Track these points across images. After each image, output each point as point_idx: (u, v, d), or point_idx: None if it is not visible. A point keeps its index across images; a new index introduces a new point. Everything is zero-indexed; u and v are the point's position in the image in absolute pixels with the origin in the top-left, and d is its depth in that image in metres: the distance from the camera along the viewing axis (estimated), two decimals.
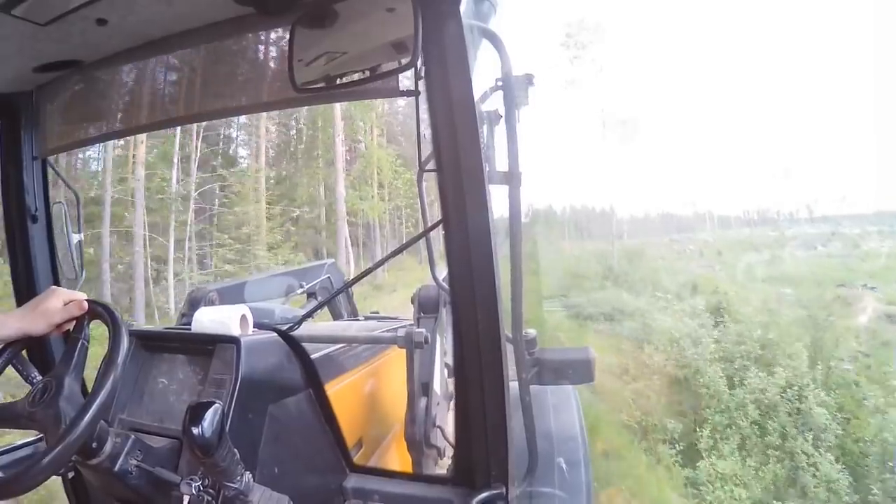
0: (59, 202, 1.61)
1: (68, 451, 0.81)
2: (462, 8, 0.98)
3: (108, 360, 0.89)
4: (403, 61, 1.01)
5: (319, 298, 2.50)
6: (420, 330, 1.56)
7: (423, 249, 1.44)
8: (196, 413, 0.84)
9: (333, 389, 1.44)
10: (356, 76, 1.09)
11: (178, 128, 12.33)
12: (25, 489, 0.79)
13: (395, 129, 22.81)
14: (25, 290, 1.55)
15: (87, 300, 1.01)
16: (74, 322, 1.01)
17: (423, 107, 1.03)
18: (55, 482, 1.06)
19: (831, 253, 21.37)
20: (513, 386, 1.16)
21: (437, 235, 1.16)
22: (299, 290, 2.47)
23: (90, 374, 0.94)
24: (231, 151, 17.82)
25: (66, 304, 1.01)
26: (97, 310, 1.00)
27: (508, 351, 1.09)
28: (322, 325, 2.46)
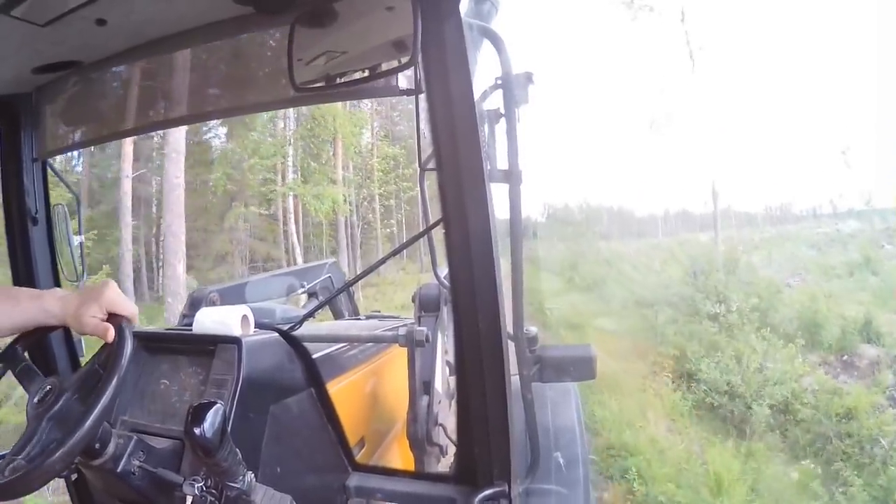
0: (60, 203, 1.61)
1: (71, 454, 0.81)
2: (462, 7, 0.98)
3: (112, 365, 0.88)
4: (403, 60, 1.01)
5: (320, 298, 2.50)
6: (421, 328, 1.56)
7: (424, 254, 1.43)
8: (198, 414, 0.84)
9: (335, 388, 1.44)
10: (356, 75, 1.09)
11: None
12: (28, 491, 0.79)
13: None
14: None
15: (117, 327, 0.93)
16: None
17: (423, 106, 1.03)
18: None
19: None
20: (514, 382, 1.17)
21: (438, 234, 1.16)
22: (300, 290, 2.47)
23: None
24: None
25: (105, 318, 0.94)
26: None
27: (510, 348, 1.09)
28: (323, 324, 2.47)
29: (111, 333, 0.93)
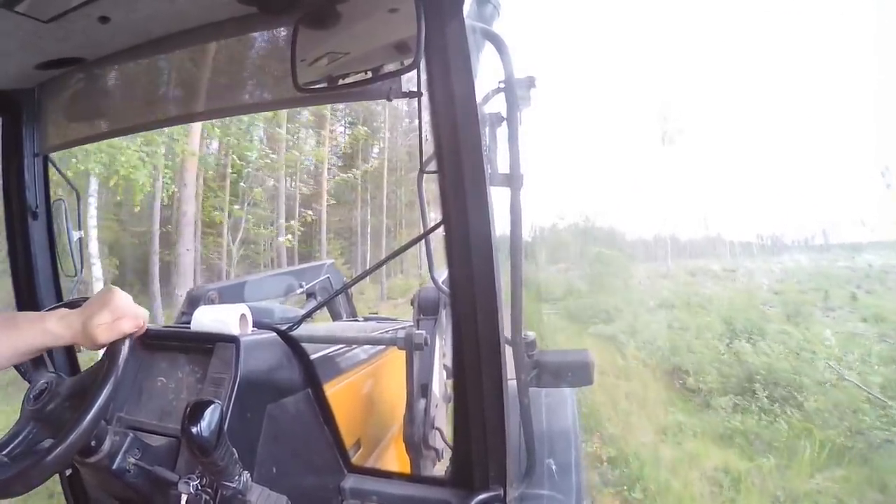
0: (60, 199, 1.61)
1: (69, 451, 0.80)
2: (465, 9, 0.98)
3: (109, 362, 0.88)
4: (406, 62, 1.01)
5: (319, 299, 2.50)
6: (420, 331, 1.56)
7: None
8: (195, 412, 0.84)
9: (332, 390, 1.43)
10: (358, 76, 1.09)
11: None
12: (25, 489, 0.79)
13: None
14: (26, 287, 1.55)
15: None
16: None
17: (426, 108, 1.03)
18: None
19: None
20: (511, 387, 1.16)
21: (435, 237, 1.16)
22: (299, 290, 2.47)
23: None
24: None
25: (113, 321, 0.89)
26: None
27: (507, 353, 1.09)
28: (321, 325, 2.46)
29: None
